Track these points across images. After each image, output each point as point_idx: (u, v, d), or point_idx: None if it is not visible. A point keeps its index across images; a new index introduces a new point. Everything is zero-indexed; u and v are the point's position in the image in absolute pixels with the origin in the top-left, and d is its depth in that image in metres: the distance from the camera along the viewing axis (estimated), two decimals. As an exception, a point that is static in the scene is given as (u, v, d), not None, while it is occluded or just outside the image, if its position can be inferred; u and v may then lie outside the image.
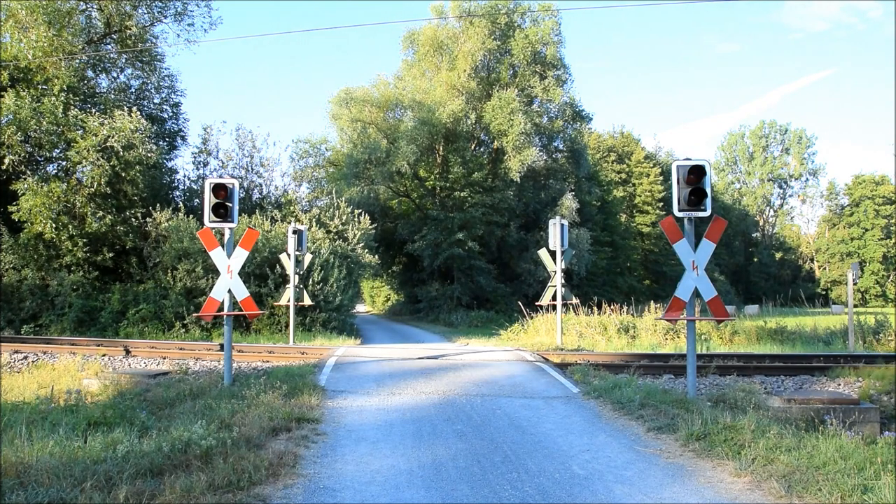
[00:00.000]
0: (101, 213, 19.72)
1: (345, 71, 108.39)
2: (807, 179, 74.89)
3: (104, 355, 12.81)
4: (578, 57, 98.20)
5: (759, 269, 67.34)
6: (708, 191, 7.48)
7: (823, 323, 18.96)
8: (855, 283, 17.29)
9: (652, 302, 21.29)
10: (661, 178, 53.83)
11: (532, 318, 18.40)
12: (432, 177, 36.12)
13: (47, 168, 21.32)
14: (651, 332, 16.70)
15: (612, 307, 18.96)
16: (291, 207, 24.65)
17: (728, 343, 16.16)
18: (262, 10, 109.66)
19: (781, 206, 76.48)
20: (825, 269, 67.23)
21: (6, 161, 18.64)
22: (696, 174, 7.42)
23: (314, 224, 22.20)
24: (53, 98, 18.87)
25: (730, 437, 5.37)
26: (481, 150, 37.40)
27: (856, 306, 19.94)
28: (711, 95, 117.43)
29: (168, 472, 4.41)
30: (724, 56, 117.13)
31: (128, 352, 13.26)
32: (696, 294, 7.66)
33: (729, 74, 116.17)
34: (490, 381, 8.85)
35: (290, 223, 18.14)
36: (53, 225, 18.91)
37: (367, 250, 23.29)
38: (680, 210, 7.53)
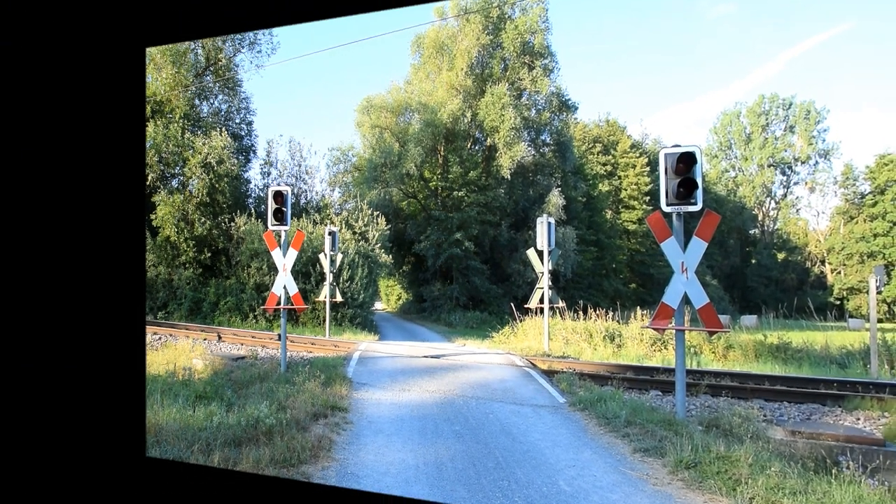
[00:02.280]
0: (204, 219, 24.23)
1: (377, 81, 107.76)
2: (816, 163, 59.73)
3: (205, 339, 15.54)
4: (564, 42, 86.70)
5: (758, 273, 57.99)
6: (699, 181, 6.96)
7: (838, 340, 16.23)
8: (879, 292, 13.23)
9: (638, 308, 20.19)
10: (647, 168, 50.38)
11: (521, 321, 18.56)
12: (435, 177, 36.69)
13: (172, 182, 26.06)
14: (637, 341, 15.67)
15: (597, 312, 18.36)
16: (327, 211, 27.73)
17: (721, 359, 14.62)
18: (309, 31, 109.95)
19: (785, 196, 61.91)
20: (840, 273, 54.66)
21: (149, 178, 23.78)
22: (685, 163, 6.93)
23: (344, 226, 24.62)
24: (175, 124, 24.11)
25: (724, 470, 4.96)
26: (476, 148, 37.88)
27: (880, 320, 15.59)
28: (703, 74, 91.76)
29: (244, 444, 5.52)
30: (720, 19, 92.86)
31: (220, 337, 15.88)
32: (686, 300, 7.12)
33: (724, 45, 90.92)
34: (483, 384, 9.58)
35: (326, 226, 20.71)
36: (175, 229, 23.58)
37: (383, 250, 25.17)
38: (668, 204, 7.04)
